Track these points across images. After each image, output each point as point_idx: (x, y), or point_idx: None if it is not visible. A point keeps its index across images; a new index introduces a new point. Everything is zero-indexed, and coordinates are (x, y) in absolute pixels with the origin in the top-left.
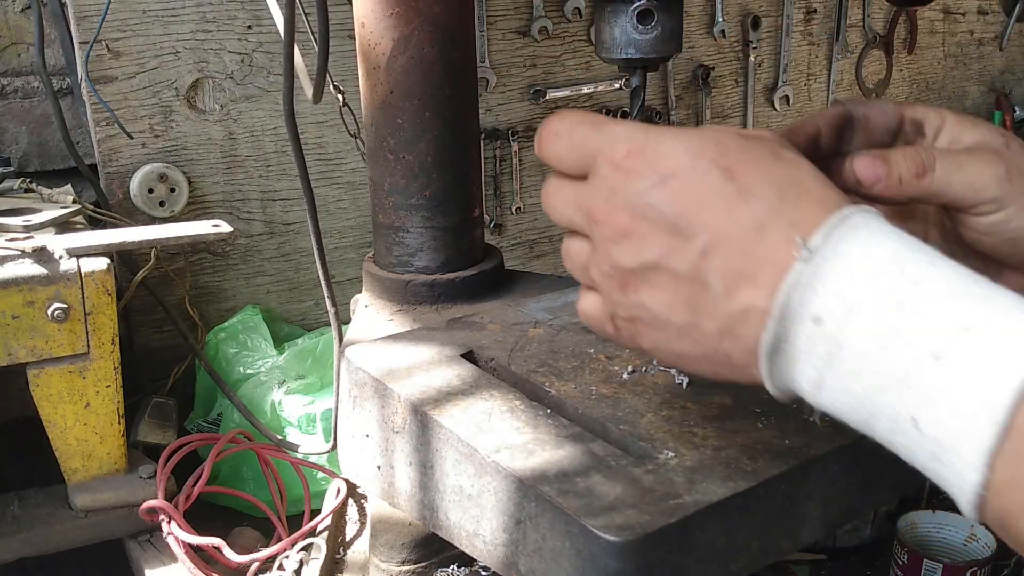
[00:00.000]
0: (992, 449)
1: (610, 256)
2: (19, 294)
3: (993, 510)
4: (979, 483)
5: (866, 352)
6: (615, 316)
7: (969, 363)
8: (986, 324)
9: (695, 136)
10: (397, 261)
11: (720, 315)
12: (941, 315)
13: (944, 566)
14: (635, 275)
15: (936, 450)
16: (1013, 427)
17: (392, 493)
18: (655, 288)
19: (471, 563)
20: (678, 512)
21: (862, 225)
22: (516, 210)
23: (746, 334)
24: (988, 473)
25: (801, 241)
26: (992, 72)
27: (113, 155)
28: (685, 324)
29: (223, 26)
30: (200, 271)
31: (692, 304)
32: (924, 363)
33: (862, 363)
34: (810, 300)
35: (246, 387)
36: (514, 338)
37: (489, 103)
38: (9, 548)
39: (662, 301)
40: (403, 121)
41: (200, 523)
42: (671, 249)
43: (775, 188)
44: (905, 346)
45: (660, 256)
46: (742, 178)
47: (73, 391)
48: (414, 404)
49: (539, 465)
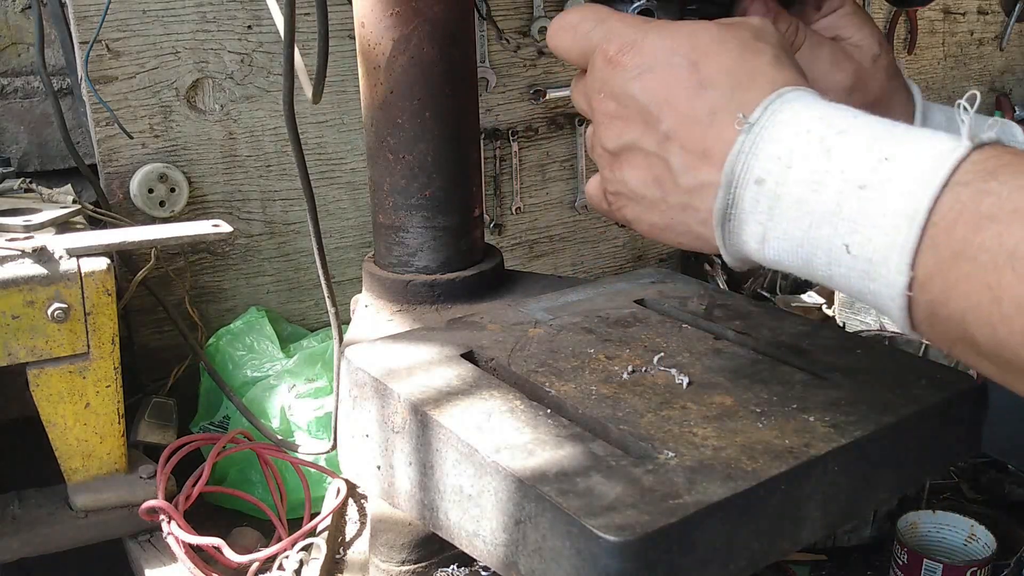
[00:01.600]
0: (913, 248)
1: (601, 138)
2: (19, 294)
3: (920, 307)
4: (905, 284)
5: (802, 197)
6: (607, 192)
7: (890, 186)
8: (904, 152)
9: (676, 32)
10: (397, 261)
11: (681, 190)
12: (864, 152)
13: (944, 566)
14: (618, 155)
15: (867, 268)
16: (929, 224)
17: (392, 493)
18: (632, 167)
19: (471, 563)
20: (678, 512)
21: (796, 98)
22: (516, 210)
23: (702, 207)
24: (911, 272)
25: (743, 117)
26: (992, 72)
27: (113, 155)
28: (655, 198)
29: (223, 26)
30: (200, 271)
31: (659, 181)
32: (851, 194)
33: (800, 208)
34: (752, 165)
35: (254, 390)
36: (514, 338)
37: (489, 103)
38: (9, 548)
39: (637, 178)
40: (403, 121)
41: (200, 523)
42: (643, 133)
43: (731, 78)
44: (835, 184)
45: (636, 138)
46: (704, 70)
47: (73, 391)
48: (414, 404)
49: (539, 465)
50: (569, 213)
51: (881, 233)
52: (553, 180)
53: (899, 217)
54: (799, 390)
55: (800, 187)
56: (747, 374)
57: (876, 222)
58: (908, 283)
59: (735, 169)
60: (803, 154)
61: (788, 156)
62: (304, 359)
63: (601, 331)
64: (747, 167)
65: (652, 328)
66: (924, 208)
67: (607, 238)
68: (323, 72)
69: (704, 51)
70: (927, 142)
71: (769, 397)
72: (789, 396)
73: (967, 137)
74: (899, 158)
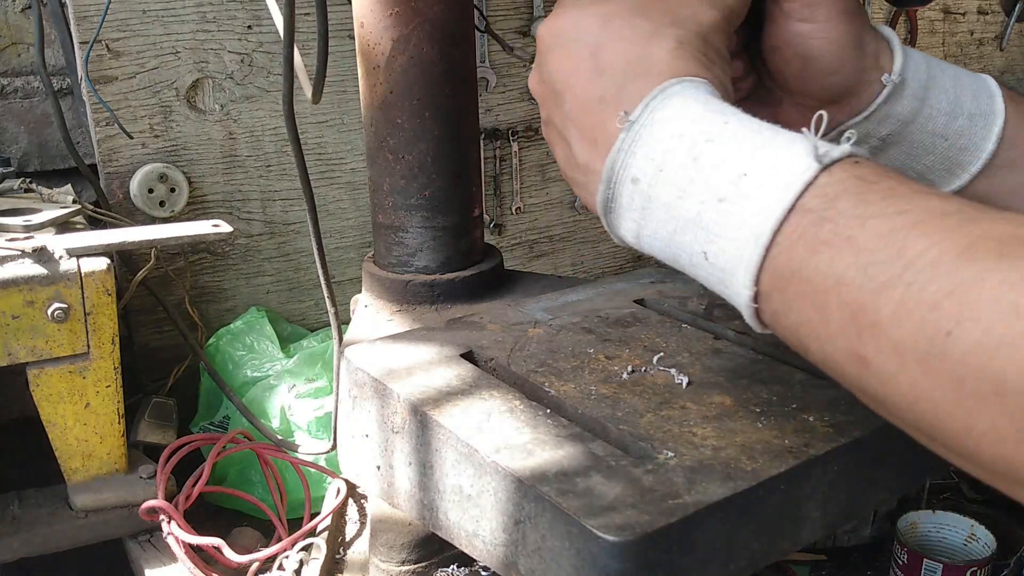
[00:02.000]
0: (757, 266)
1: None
2: (19, 294)
3: (766, 315)
4: (750, 296)
5: (670, 202)
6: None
7: (745, 203)
8: (760, 170)
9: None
10: (397, 261)
11: (578, 171)
12: (726, 165)
13: (944, 566)
14: (545, 127)
15: (721, 276)
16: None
17: (392, 493)
18: (553, 141)
19: (471, 563)
20: (678, 512)
21: (677, 94)
22: (516, 210)
23: (593, 190)
24: (755, 287)
25: (624, 115)
26: (992, 72)
27: (113, 155)
28: (569, 175)
29: (223, 26)
30: (200, 271)
31: (567, 158)
32: (711, 206)
33: (667, 212)
34: (629, 164)
35: (254, 390)
36: (514, 338)
37: (489, 103)
38: (9, 548)
39: (558, 154)
40: (402, 121)
41: (200, 523)
42: (553, 110)
43: (624, 67)
44: (698, 193)
45: (549, 115)
46: (604, 56)
47: (73, 391)
48: (414, 404)
49: (538, 465)
50: (569, 213)
51: (733, 246)
52: (553, 180)
53: (748, 235)
54: (799, 390)
55: (669, 191)
56: (746, 374)
57: (730, 235)
58: (752, 295)
59: (615, 166)
60: (673, 159)
61: (661, 159)
62: (304, 359)
63: (601, 331)
64: (625, 165)
65: (652, 328)
66: (769, 230)
67: (607, 238)
68: (323, 72)
69: (609, 35)
70: (782, 160)
71: (769, 397)
72: (789, 396)
73: (816, 159)
74: (755, 175)
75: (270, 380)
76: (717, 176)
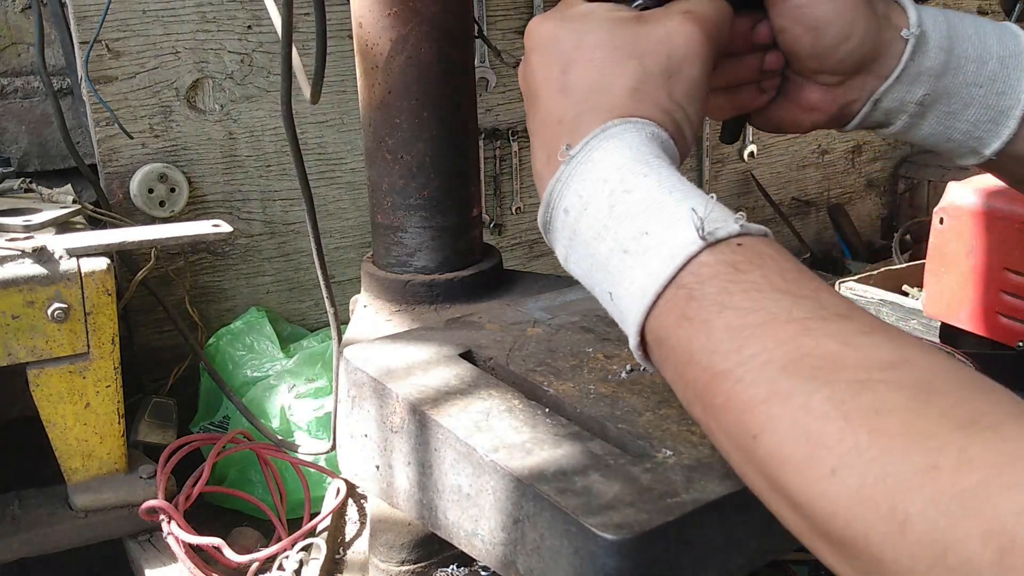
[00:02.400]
0: (640, 321)
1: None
2: (19, 294)
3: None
4: (637, 344)
5: (588, 241)
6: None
7: (643, 259)
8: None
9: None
10: (396, 261)
11: (536, 177)
12: (634, 220)
13: None
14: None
15: (620, 317)
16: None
17: (391, 493)
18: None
19: (470, 563)
20: (676, 510)
21: (614, 136)
22: (516, 210)
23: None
24: (639, 336)
25: (565, 148)
26: None
27: (113, 155)
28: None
29: (223, 26)
30: (200, 271)
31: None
32: (617, 254)
33: (586, 248)
34: (563, 195)
35: (254, 390)
36: (512, 338)
37: (489, 103)
38: (9, 548)
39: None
40: (401, 121)
41: (200, 523)
42: (529, 110)
43: (585, 91)
44: (610, 239)
45: (527, 110)
46: (570, 74)
47: (73, 391)
48: (412, 404)
49: (537, 464)
50: None
51: (628, 297)
52: None
53: (638, 291)
54: None
55: (590, 230)
56: None
57: (626, 286)
58: (638, 343)
59: (552, 192)
60: (595, 201)
61: (587, 198)
62: (304, 359)
63: (600, 330)
64: (560, 195)
65: None
66: (653, 293)
67: None
68: (321, 72)
69: (580, 54)
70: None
71: None
72: None
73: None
74: (654, 236)
75: (270, 380)
76: (624, 228)
